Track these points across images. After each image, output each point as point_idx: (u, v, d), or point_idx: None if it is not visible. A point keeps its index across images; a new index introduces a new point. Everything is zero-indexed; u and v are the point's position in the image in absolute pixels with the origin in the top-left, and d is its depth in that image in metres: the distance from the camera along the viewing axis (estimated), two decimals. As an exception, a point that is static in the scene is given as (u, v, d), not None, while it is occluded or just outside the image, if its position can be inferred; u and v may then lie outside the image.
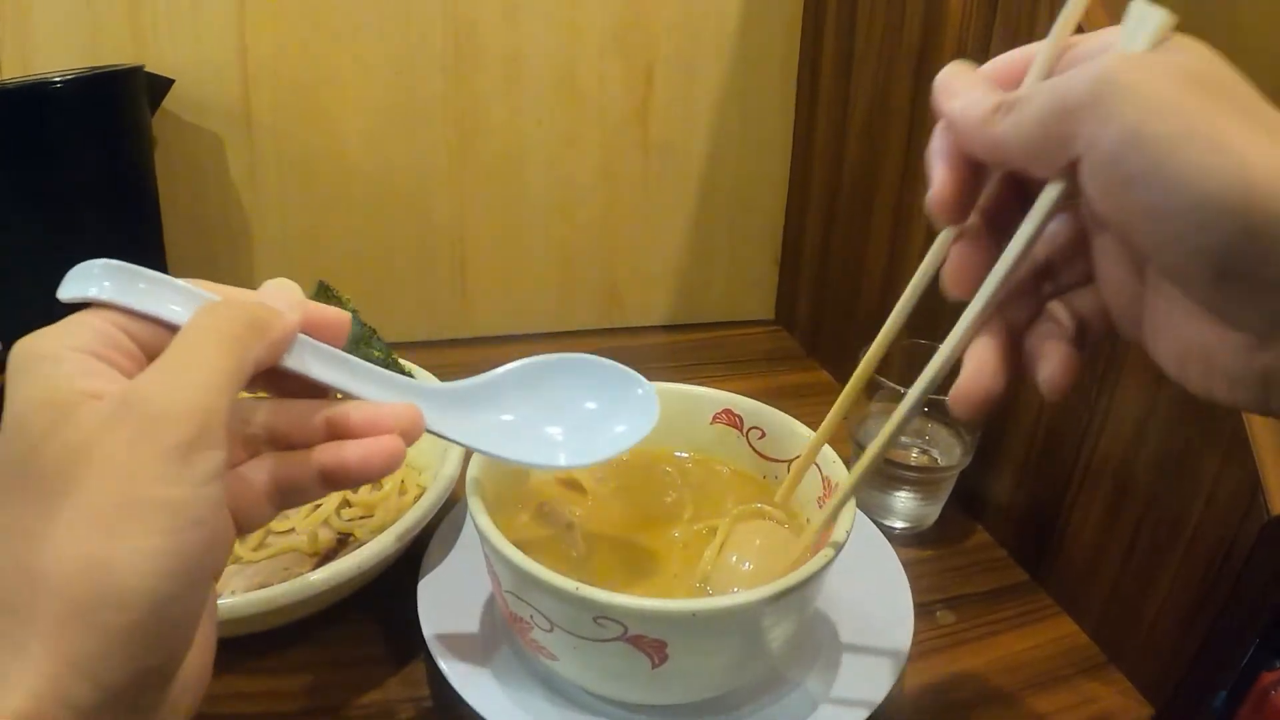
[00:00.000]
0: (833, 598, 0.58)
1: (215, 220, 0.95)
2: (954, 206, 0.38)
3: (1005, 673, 0.59)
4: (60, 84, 0.73)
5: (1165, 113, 0.28)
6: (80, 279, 0.36)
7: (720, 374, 1.00)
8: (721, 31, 0.99)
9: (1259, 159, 0.27)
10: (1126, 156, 0.29)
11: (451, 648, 0.53)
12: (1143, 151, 0.28)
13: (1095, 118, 0.30)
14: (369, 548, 0.55)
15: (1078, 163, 0.31)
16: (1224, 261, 0.28)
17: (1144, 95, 0.29)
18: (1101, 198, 0.31)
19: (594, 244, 1.06)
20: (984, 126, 0.34)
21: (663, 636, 0.43)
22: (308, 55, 0.91)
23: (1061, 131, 0.31)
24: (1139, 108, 0.29)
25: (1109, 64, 0.30)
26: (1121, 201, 0.30)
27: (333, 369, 0.40)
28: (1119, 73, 0.29)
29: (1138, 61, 0.30)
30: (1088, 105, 0.30)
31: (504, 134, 0.98)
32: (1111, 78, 0.29)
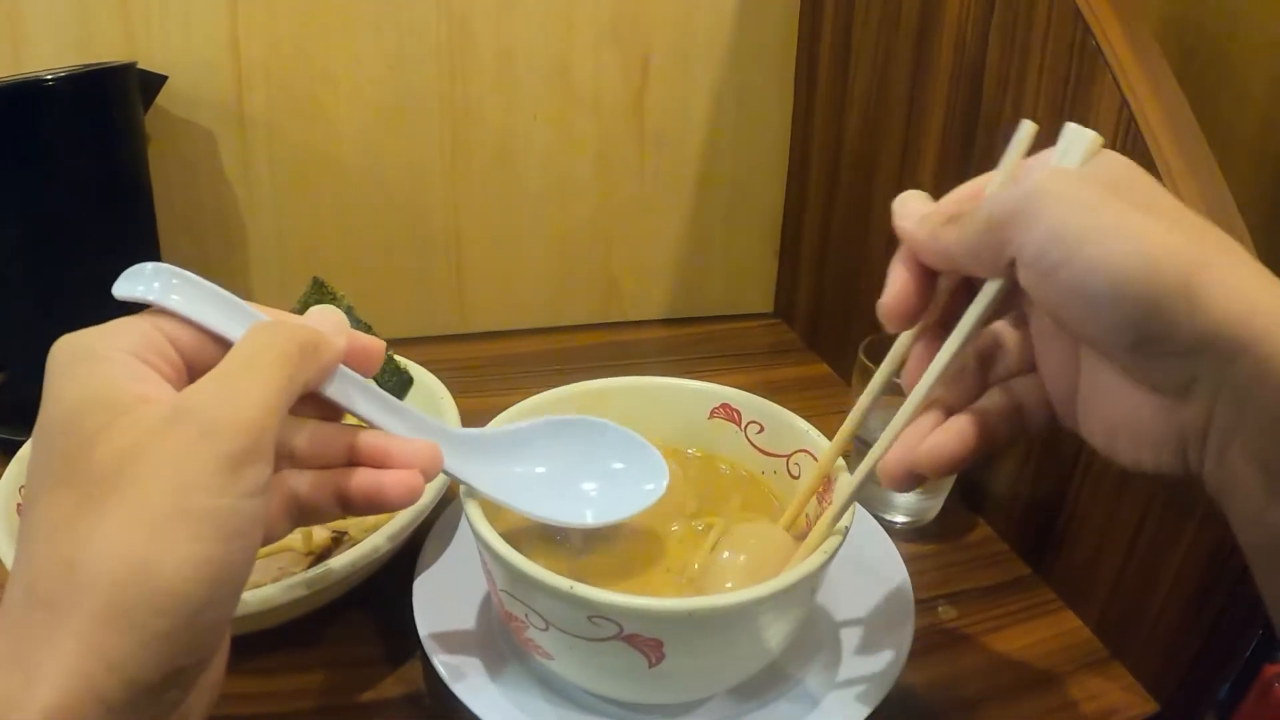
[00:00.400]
0: (834, 593, 0.57)
1: (209, 217, 0.94)
2: (904, 311, 0.43)
3: (1008, 668, 0.59)
4: (52, 82, 0.73)
5: (1080, 211, 0.33)
6: (137, 279, 0.37)
7: (720, 368, 1.00)
8: (718, 21, 0.99)
9: (1158, 242, 0.32)
10: (1050, 250, 0.34)
11: (447, 647, 0.52)
12: (1062, 245, 0.33)
13: (1025, 222, 0.35)
14: (363, 546, 0.54)
15: (1014, 262, 0.36)
16: (1137, 331, 0.33)
17: (1063, 199, 0.34)
18: (1034, 287, 0.35)
19: (591, 238, 1.06)
20: (933, 238, 0.40)
21: (659, 635, 0.42)
22: (301, 51, 0.90)
23: (998, 238, 0.36)
24: (1059, 209, 0.34)
25: (1038, 178, 0.35)
26: (1050, 289, 0.34)
27: (370, 402, 0.42)
28: (1044, 183, 0.35)
29: (1061, 173, 0.36)
30: (1020, 213, 0.35)
31: (499, 128, 0.97)
32: (1039, 188, 0.35)
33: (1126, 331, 0.33)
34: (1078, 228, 0.33)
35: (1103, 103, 0.58)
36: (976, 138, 0.71)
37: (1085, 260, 0.33)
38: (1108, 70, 0.57)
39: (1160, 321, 0.32)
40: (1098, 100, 0.59)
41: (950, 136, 0.75)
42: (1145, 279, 0.32)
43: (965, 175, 0.42)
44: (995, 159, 0.42)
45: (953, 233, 0.38)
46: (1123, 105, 0.56)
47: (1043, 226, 0.34)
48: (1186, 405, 0.34)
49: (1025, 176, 0.37)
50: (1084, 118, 0.60)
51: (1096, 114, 0.59)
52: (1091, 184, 0.35)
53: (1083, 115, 0.60)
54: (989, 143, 0.69)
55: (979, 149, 0.71)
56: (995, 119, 0.69)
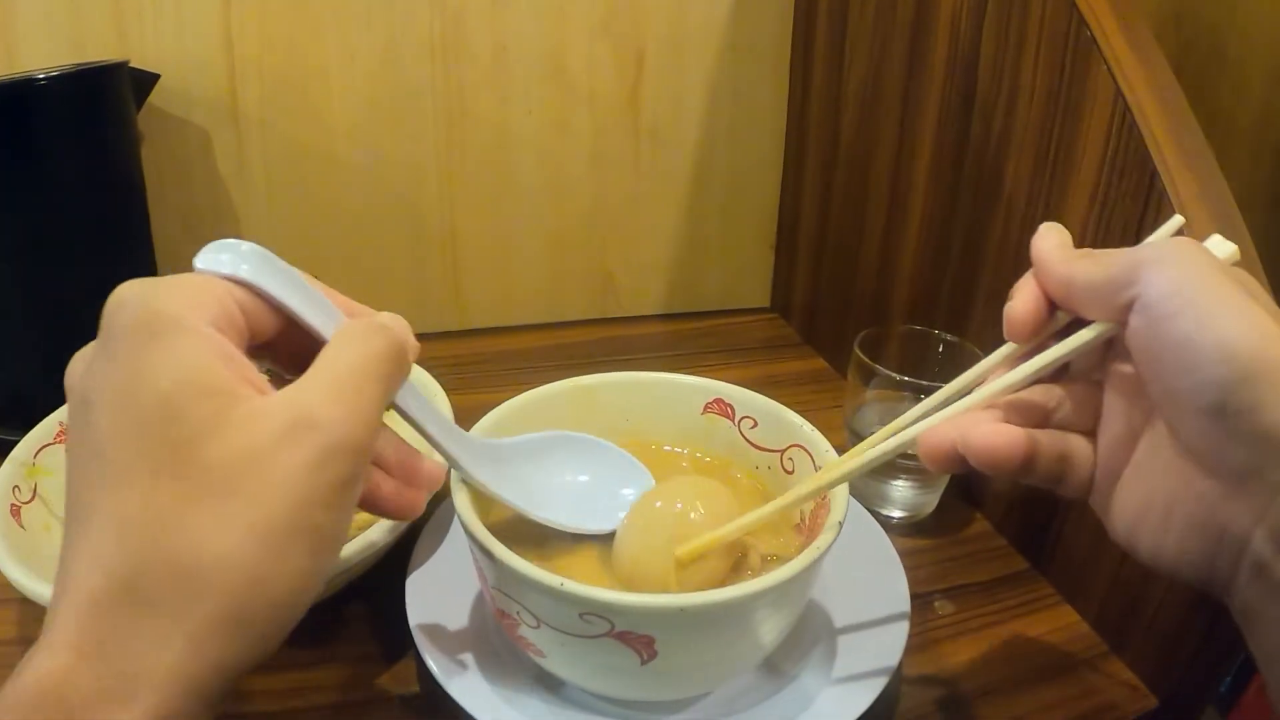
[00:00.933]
0: (829, 589, 0.57)
1: (203, 214, 0.94)
2: (1028, 322, 0.42)
3: (1006, 663, 0.59)
4: (45, 81, 0.72)
5: (1208, 275, 0.35)
6: (220, 253, 0.37)
7: (716, 362, 0.99)
8: (713, 15, 0.98)
9: (1269, 327, 0.33)
10: (1172, 297, 0.35)
11: (440, 644, 0.52)
12: (1184, 297, 0.34)
13: (1157, 268, 0.36)
14: (355, 542, 0.54)
15: (1132, 302, 0.36)
16: (1224, 394, 0.33)
17: (1197, 263, 0.35)
18: (1142, 331, 0.36)
19: (587, 233, 1.05)
20: (1066, 263, 0.40)
21: (650, 632, 0.42)
22: (294, 47, 0.90)
23: (1129, 276, 0.36)
24: (1189, 269, 0.35)
25: (1177, 240, 0.38)
26: (1157, 334, 0.35)
27: (425, 414, 0.44)
28: (1184, 246, 0.36)
29: (1198, 247, 0.37)
30: (1152, 261, 0.36)
31: (493, 123, 0.97)
32: (1179, 248, 0.36)
33: (1214, 391, 0.33)
34: (1203, 287, 0.34)
35: (1098, 95, 0.58)
36: (971, 131, 0.71)
37: (1200, 314, 0.34)
38: (1103, 61, 0.57)
39: (1249, 393, 0.32)
40: (1093, 92, 0.58)
41: (945, 129, 0.74)
42: (1250, 350, 0.32)
43: (960, 169, 0.42)
44: (990, 152, 0.43)
45: (1085, 264, 0.39)
46: (1118, 96, 0.56)
47: (1171, 275, 0.35)
48: (1239, 498, 0.34)
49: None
50: (1079, 108, 0.59)
51: (1092, 106, 0.58)
52: (1221, 268, 0.36)
53: (1078, 105, 0.59)
54: (984, 135, 0.69)
55: (974, 142, 0.70)
56: (990, 111, 0.68)
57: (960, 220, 0.74)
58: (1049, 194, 0.63)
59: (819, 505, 0.50)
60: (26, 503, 0.59)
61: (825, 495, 0.49)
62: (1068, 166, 0.61)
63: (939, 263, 0.77)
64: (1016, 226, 0.67)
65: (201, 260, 0.37)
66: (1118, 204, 0.57)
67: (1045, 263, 0.41)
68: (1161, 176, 0.54)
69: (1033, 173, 0.64)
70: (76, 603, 0.31)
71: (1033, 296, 0.42)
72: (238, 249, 0.37)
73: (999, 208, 0.68)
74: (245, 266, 0.37)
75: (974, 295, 0.73)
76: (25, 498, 0.59)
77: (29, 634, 0.58)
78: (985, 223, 0.70)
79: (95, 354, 0.33)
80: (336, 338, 0.37)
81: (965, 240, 0.73)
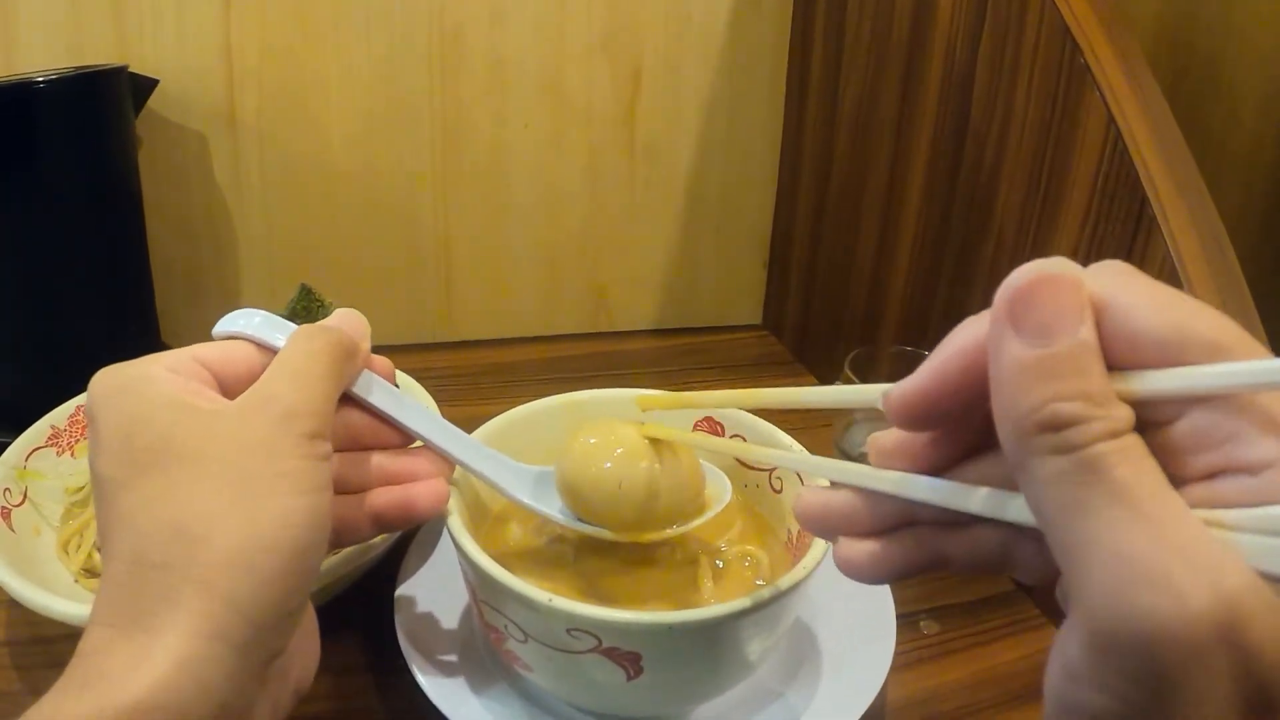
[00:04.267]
0: (815, 607, 0.57)
1: (199, 222, 0.94)
2: (915, 419, 0.31)
3: (990, 684, 0.59)
4: (44, 84, 0.73)
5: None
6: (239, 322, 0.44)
7: (708, 379, 1.00)
8: (710, 34, 0.99)
9: None
10: (1099, 712, 0.24)
11: (428, 657, 0.52)
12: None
13: (1125, 664, 0.23)
14: (344, 553, 0.54)
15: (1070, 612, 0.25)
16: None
17: (1199, 706, 0.22)
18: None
19: (580, 248, 1.06)
20: (1023, 433, 0.26)
21: (637, 649, 0.42)
22: (293, 57, 0.90)
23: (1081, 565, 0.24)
24: (1172, 712, 0.23)
25: (1187, 652, 0.22)
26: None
27: (388, 396, 0.46)
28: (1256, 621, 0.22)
29: (1239, 655, 0.22)
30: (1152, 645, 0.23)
31: (489, 137, 0.98)
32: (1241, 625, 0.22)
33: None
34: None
35: (1090, 121, 0.58)
36: (964, 154, 0.71)
37: None
38: (1096, 88, 0.58)
39: None
40: (1086, 118, 0.59)
41: (939, 152, 0.75)
42: None
43: (953, 191, 0.41)
44: (982, 175, 0.41)
45: (1047, 469, 0.25)
46: (1110, 123, 0.57)
47: (1152, 709, 0.23)
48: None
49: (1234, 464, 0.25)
50: (1071, 134, 0.60)
51: (1084, 132, 0.59)
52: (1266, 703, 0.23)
53: (1070, 131, 0.60)
54: (977, 158, 0.69)
55: (967, 164, 0.71)
56: (983, 135, 0.69)
57: (952, 242, 0.74)
58: (1040, 218, 0.64)
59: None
60: (17, 505, 0.59)
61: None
62: (1059, 191, 0.62)
63: (930, 284, 0.78)
64: (1008, 249, 0.67)
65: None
66: (1108, 229, 0.58)
67: (999, 389, 0.27)
68: (1152, 203, 0.54)
69: (1025, 196, 0.65)
70: (105, 590, 0.34)
71: (943, 381, 0.30)
72: (250, 317, 0.44)
73: (991, 231, 0.69)
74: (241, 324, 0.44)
75: (965, 317, 0.73)
76: (15, 500, 0.59)
77: (18, 636, 0.58)
78: (977, 245, 0.71)
79: (88, 431, 0.38)
80: (287, 342, 0.42)
81: (957, 262, 0.74)
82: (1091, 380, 0.25)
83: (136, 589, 0.34)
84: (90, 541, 0.59)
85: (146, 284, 0.87)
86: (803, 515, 0.37)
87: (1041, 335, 0.25)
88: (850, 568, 0.35)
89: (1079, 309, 0.26)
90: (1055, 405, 0.24)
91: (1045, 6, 0.62)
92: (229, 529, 0.34)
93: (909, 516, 0.34)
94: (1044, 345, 0.25)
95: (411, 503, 0.45)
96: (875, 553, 0.34)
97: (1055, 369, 0.25)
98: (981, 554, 0.32)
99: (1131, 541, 0.23)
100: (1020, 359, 0.26)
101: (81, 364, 0.67)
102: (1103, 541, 0.23)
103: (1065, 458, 0.24)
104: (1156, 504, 0.23)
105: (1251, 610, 0.22)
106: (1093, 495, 0.23)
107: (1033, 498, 0.26)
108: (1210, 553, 0.23)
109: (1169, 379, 0.25)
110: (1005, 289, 0.26)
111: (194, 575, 0.33)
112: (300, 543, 0.36)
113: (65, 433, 0.65)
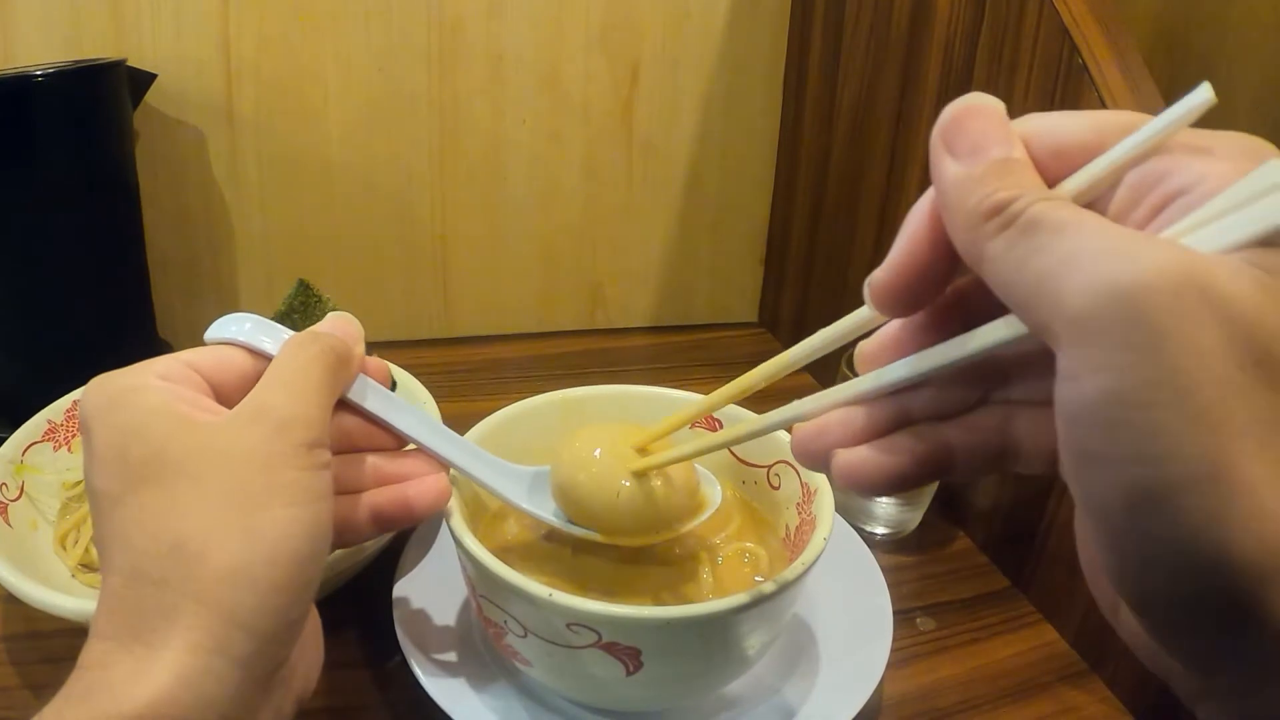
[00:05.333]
0: (812, 604, 0.57)
1: (197, 216, 0.94)
2: (898, 296, 0.31)
3: (986, 680, 0.59)
4: (41, 77, 0.73)
5: (1199, 416, 0.22)
6: (230, 328, 0.43)
7: (704, 376, 1.00)
8: (708, 30, 0.99)
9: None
10: (1129, 420, 0.23)
11: (427, 651, 0.52)
12: (1137, 437, 0.22)
13: (1110, 334, 0.23)
14: (339, 551, 0.54)
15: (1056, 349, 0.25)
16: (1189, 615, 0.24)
17: (1196, 353, 0.22)
18: (1066, 438, 0.25)
19: (577, 244, 1.06)
20: (972, 227, 0.27)
21: (636, 644, 0.42)
22: (290, 51, 0.90)
23: (1055, 318, 0.24)
24: (1177, 365, 0.22)
25: (1185, 281, 0.22)
26: (1080, 477, 0.24)
27: (382, 400, 0.46)
28: (1173, 303, 0.22)
29: (1214, 303, 0.22)
30: (1118, 316, 0.23)
31: (487, 131, 0.98)
32: (1169, 318, 0.22)
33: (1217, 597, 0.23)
34: (1201, 467, 0.22)
35: (1088, 120, 0.58)
36: (963, 152, 0.71)
37: (1165, 514, 0.22)
38: (1093, 88, 0.58)
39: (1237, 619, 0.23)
40: (1083, 117, 0.59)
41: (937, 150, 0.75)
42: (1231, 568, 0.22)
43: None
44: None
45: (999, 243, 0.26)
46: (1107, 123, 0.57)
47: (1160, 371, 0.22)
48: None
49: (1171, 193, 0.26)
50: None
51: (1082, 131, 0.59)
52: (1241, 352, 0.22)
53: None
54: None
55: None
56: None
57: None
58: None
59: (805, 521, 0.51)
60: (14, 500, 0.59)
61: (812, 512, 0.49)
62: (1056, 190, 0.62)
63: (927, 282, 0.78)
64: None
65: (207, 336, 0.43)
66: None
67: (950, 211, 0.28)
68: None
69: (1022, 196, 0.65)
70: (104, 603, 0.34)
71: (910, 251, 0.30)
72: (240, 323, 0.43)
73: (988, 229, 0.69)
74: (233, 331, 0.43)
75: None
76: (12, 495, 0.59)
77: (15, 631, 0.58)
78: (974, 244, 0.71)
79: (82, 444, 0.38)
80: (280, 350, 0.41)
81: (954, 260, 0.74)
82: (1025, 180, 0.27)
83: (135, 604, 0.33)
84: (87, 537, 0.59)
85: (143, 278, 0.87)
86: (799, 443, 0.36)
87: (974, 153, 0.28)
88: (851, 476, 0.33)
89: (1004, 131, 0.28)
90: (997, 194, 0.26)
91: (1044, 6, 0.62)
92: (227, 544, 0.34)
93: (905, 415, 0.33)
94: (978, 160, 0.28)
95: (412, 500, 0.45)
96: (873, 457, 0.33)
97: (991, 173, 0.27)
98: (980, 440, 0.32)
99: (1087, 242, 0.24)
100: (958, 174, 0.28)
101: (78, 358, 0.68)
102: (1063, 258, 0.24)
103: (1013, 225, 0.26)
104: (1096, 220, 0.25)
105: (1212, 265, 0.23)
106: (1043, 238, 0.25)
107: (997, 280, 0.26)
108: (1152, 236, 0.25)
109: (1096, 165, 0.27)
110: (938, 124, 0.29)
111: (192, 591, 0.33)
112: (301, 554, 0.36)
113: (62, 427, 0.65)
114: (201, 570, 0.33)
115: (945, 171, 0.28)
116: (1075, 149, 0.28)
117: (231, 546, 0.34)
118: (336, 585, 0.57)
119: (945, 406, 0.33)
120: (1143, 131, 0.26)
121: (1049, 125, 0.29)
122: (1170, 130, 0.26)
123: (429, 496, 0.45)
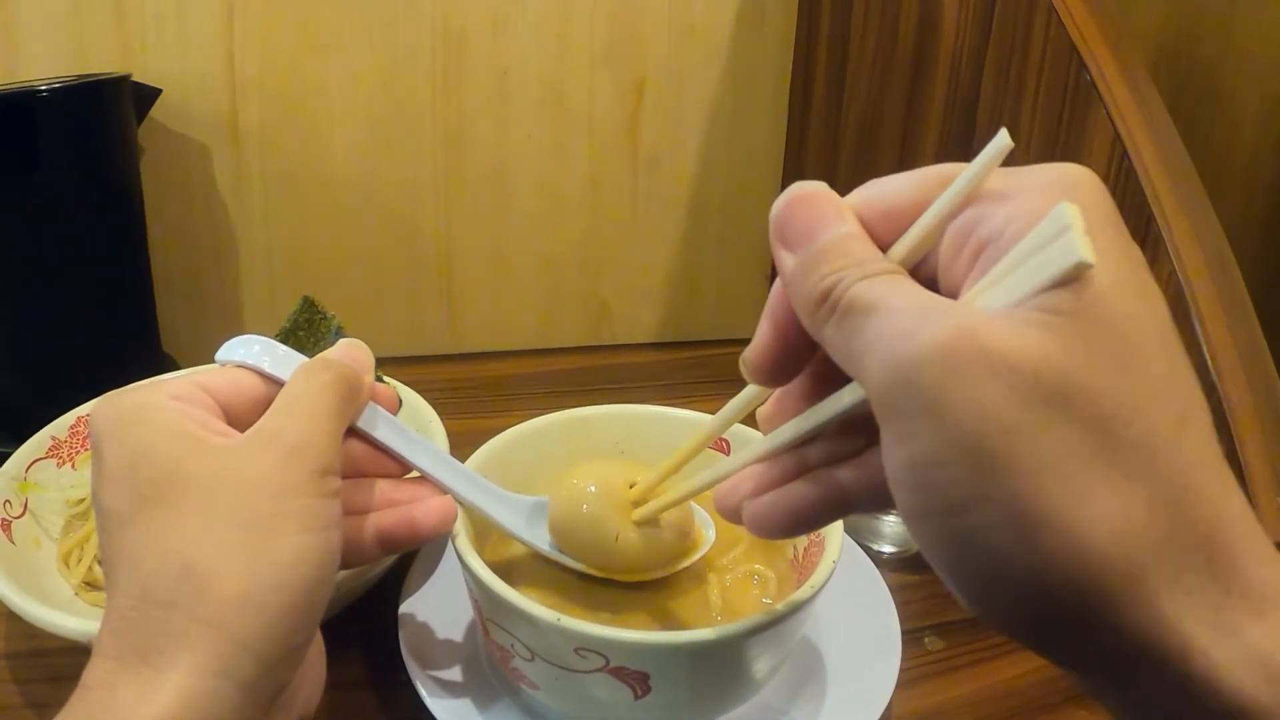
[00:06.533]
0: (820, 624, 0.57)
1: (201, 231, 0.94)
2: (769, 371, 0.35)
3: (994, 700, 0.58)
4: (46, 92, 0.73)
5: (1013, 448, 0.24)
6: (239, 350, 0.43)
7: (710, 393, 0.99)
8: (713, 46, 0.99)
9: (1110, 535, 0.24)
10: (944, 478, 0.25)
11: (433, 673, 0.52)
12: (970, 485, 0.25)
13: (921, 406, 0.25)
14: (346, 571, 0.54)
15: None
16: (1042, 629, 0.26)
17: (976, 409, 0.24)
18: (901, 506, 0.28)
19: (582, 259, 1.06)
20: (809, 313, 0.30)
21: (645, 668, 0.42)
22: (295, 67, 0.90)
23: (870, 385, 0.27)
24: (981, 420, 0.24)
25: (974, 328, 0.25)
26: (911, 530, 0.28)
27: (392, 433, 0.46)
28: (972, 363, 0.24)
29: (993, 359, 0.24)
30: (919, 384, 0.25)
31: (492, 147, 0.97)
32: (966, 365, 0.24)
33: (1023, 629, 0.27)
34: (1001, 475, 0.24)
35: (1096, 136, 0.58)
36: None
37: (967, 537, 0.25)
38: (1101, 104, 0.58)
39: (1083, 633, 0.25)
40: (1091, 134, 0.59)
41: (943, 166, 0.75)
42: (1080, 584, 0.24)
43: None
44: None
45: (830, 328, 0.29)
46: (1116, 139, 0.57)
47: (946, 432, 0.25)
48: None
49: (984, 238, 0.28)
50: (1077, 151, 0.60)
51: (1090, 147, 0.59)
52: (1029, 389, 0.24)
53: (1076, 148, 0.60)
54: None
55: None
56: (989, 150, 0.69)
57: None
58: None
59: (813, 542, 0.50)
60: (17, 517, 0.59)
61: (820, 534, 0.49)
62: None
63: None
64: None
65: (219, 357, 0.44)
66: (1114, 247, 0.57)
67: (794, 300, 0.31)
68: (1157, 220, 0.54)
69: (1029, 213, 0.65)
70: (109, 623, 0.34)
71: (778, 331, 0.34)
72: (249, 345, 0.44)
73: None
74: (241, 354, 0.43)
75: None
76: (16, 512, 0.59)
77: (17, 648, 0.58)
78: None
79: (92, 460, 0.38)
80: (292, 376, 0.41)
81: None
82: (853, 255, 0.29)
83: (142, 625, 0.33)
84: (91, 555, 0.59)
85: (147, 293, 0.87)
86: (718, 499, 0.39)
87: (805, 241, 0.31)
88: (756, 520, 0.37)
89: (830, 211, 0.31)
90: (823, 281, 0.29)
91: (1051, 23, 0.62)
92: (236, 569, 0.34)
93: (803, 465, 0.37)
94: (809, 248, 0.30)
95: (418, 521, 0.44)
96: (775, 502, 0.36)
97: (821, 259, 0.30)
98: (870, 477, 0.34)
99: (885, 323, 0.27)
100: (793, 265, 0.31)
101: (82, 374, 0.67)
102: (868, 341, 0.27)
103: (836, 310, 0.29)
104: (900, 296, 0.27)
105: (993, 323, 0.25)
106: (856, 320, 0.28)
107: (835, 358, 0.29)
108: (943, 303, 0.27)
109: (919, 225, 0.30)
110: (771, 218, 0.32)
111: (200, 615, 0.33)
112: (309, 581, 0.36)
113: (66, 444, 0.65)
114: (210, 594, 0.33)
115: (783, 264, 0.31)
116: (903, 209, 0.31)
117: (240, 571, 0.34)
118: (341, 606, 0.57)
119: (837, 453, 0.36)
120: (954, 185, 0.29)
121: (878, 191, 0.32)
122: (976, 181, 0.28)
123: (434, 518, 0.45)
